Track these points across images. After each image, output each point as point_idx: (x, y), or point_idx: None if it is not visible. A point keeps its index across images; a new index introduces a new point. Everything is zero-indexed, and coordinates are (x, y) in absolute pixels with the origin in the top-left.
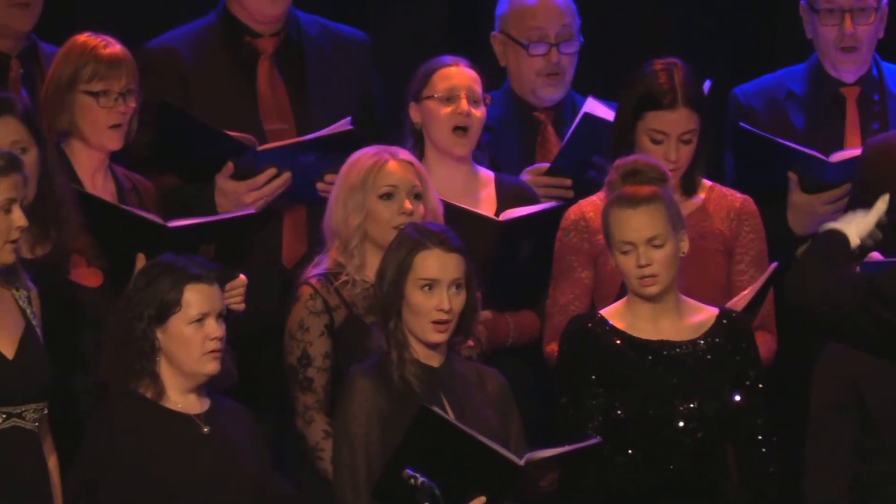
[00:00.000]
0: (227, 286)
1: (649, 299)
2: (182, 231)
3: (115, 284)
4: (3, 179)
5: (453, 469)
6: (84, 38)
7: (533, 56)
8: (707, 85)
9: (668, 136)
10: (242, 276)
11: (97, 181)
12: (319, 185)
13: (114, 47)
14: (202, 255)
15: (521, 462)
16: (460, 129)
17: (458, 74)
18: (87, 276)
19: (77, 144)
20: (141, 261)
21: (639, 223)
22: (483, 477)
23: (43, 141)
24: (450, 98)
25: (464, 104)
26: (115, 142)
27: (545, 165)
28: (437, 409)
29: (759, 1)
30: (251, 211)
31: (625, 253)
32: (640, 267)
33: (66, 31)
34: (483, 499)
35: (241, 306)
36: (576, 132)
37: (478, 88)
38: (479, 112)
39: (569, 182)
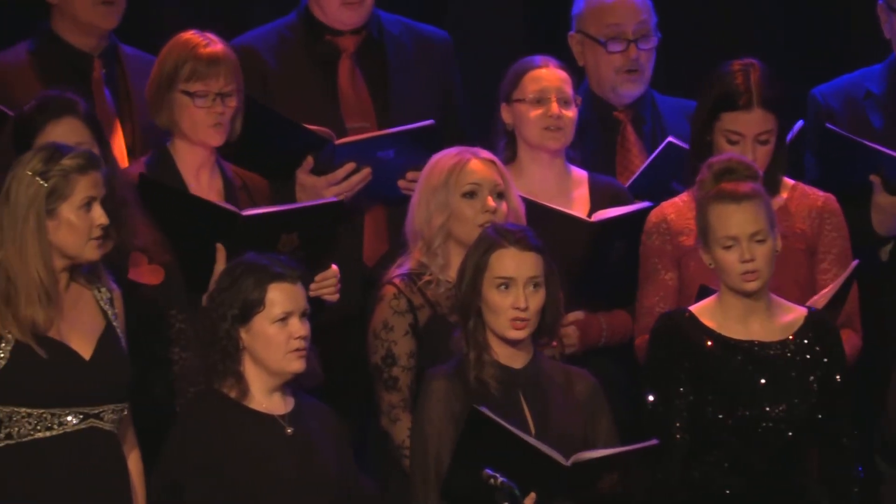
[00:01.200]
0: (318, 277)
1: (747, 295)
2: (257, 220)
3: (194, 277)
4: (82, 178)
5: (506, 468)
6: (187, 35)
7: (611, 53)
8: (798, 125)
9: (744, 136)
10: (334, 267)
11: (202, 179)
12: (401, 183)
13: (215, 46)
14: (284, 246)
15: (568, 463)
16: (551, 130)
17: (547, 76)
18: (148, 274)
19: (180, 142)
20: (220, 251)
21: (743, 218)
22: (534, 477)
23: (104, 141)
24: (540, 100)
25: (554, 107)
26: (215, 138)
27: None
28: (486, 411)
29: (836, 1)
30: (332, 199)
31: (727, 248)
32: (744, 262)
33: (147, 32)
34: (534, 496)
35: (335, 297)
36: (657, 158)
37: (568, 89)
38: (570, 112)
39: None
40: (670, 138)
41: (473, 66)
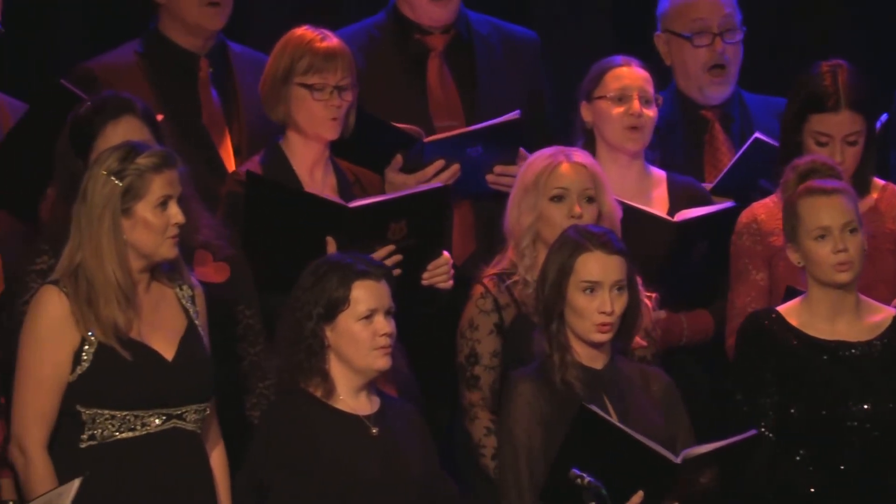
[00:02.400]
0: (431, 265)
1: (839, 288)
2: (364, 211)
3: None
4: (158, 176)
5: (613, 467)
6: (301, 31)
7: (697, 48)
8: (883, 118)
9: (833, 138)
10: (446, 254)
11: (316, 175)
12: (489, 178)
13: (331, 41)
14: (394, 234)
15: (679, 460)
16: (632, 129)
17: (629, 74)
18: (214, 273)
19: (294, 137)
20: (331, 244)
21: (834, 209)
22: (642, 475)
23: (163, 139)
24: (622, 98)
25: (636, 105)
26: (331, 132)
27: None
28: (595, 408)
29: None
30: (438, 185)
31: (820, 239)
32: (837, 252)
33: (240, 32)
34: (641, 494)
35: (449, 284)
36: (745, 154)
37: (650, 88)
38: (651, 112)
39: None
40: (757, 134)
41: (561, 66)
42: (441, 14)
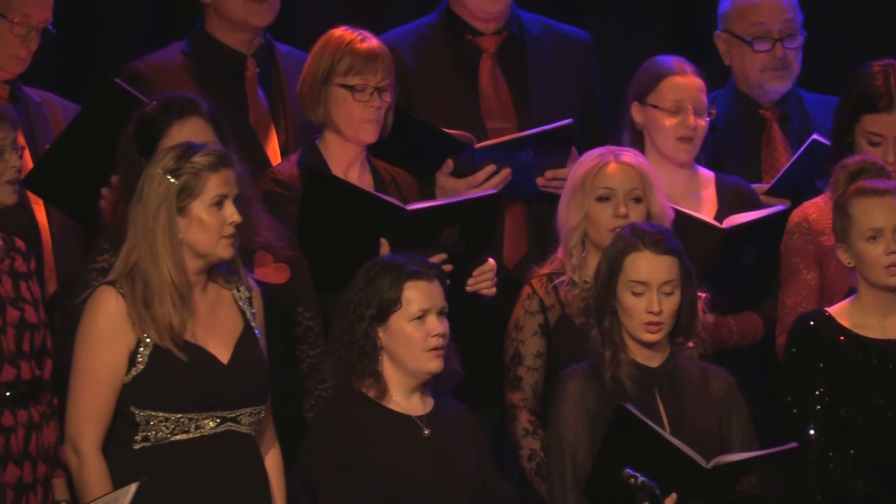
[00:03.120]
0: (476, 271)
1: (890, 290)
2: (421, 214)
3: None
4: (214, 175)
5: (650, 467)
6: (341, 31)
7: (757, 52)
8: None
9: (885, 138)
10: (491, 261)
11: (351, 175)
12: (539, 181)
13: (371, 42)
14: (446, 240)
15: (708, 465)
16: (685, 140)
17: (686, 86)
18: (274, 273)
19: (331, 137)
20: (384, 246)
21: (887, 210)
22: (676, 477)
23: (229, 140)
24: (677, 110)
25: (691, 119)
26: (369, 134)
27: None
28: (632, 408)
29: None
30: (491, 191)
31: (871, 240)
32: (890, 254)
33: (292, 31)
34: (675, 496)
35: (492, 291)
36: (802, 155)
37: (704, 98)
38: (704, 122)
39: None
40: (815, 135)
41: (614, 66)
42: (493, 7)
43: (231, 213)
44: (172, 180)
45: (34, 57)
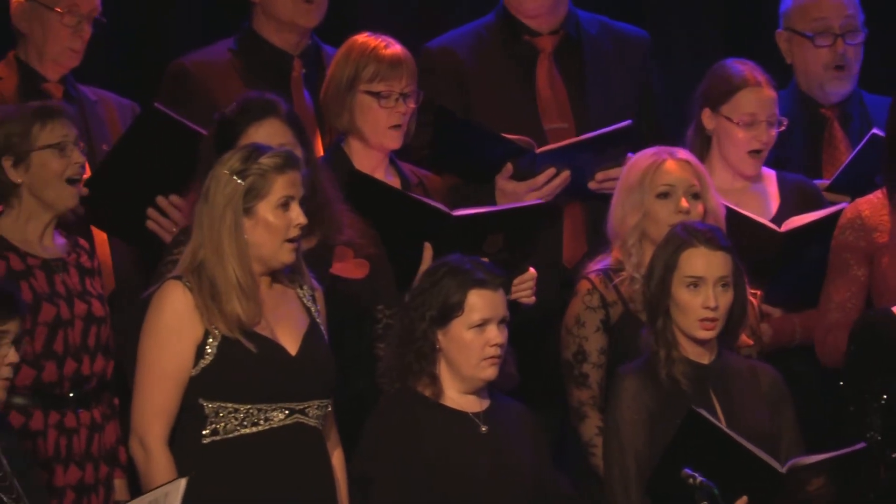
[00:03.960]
0: (517, 280)
1: None
2: (467, 220)
3: (402, 275)
4: (280, 177)
5: (719, 470)
6: (364, 38)
7: (819, 48)
8: None
9: None
10: (532, 270)
11: (377, 177)
12: (591, 185)
13: (394, 48)
14: (490, 247)
15: (784, 469)
16: (756, 153)
17: (761, 100)
18: (353, 269)
19: (356, 143)
20: (428, 250)
21: None
22: (747, 480)
23: (307, 142)
24: (752, 124)
25: (763, 134)
26: (394, 141)
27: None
28: (704, 413)
29: None
30: (537, 201)
31: None
32: None
33: (346, 32)
34: (745, 499)
35: (531, 300)
36: (862, 150)
37: (776, 110)
38: (774, 132)
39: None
40: (875, 130)
41: (672, 65)
42: (534, 2)
43: (297, 214)
44: (239, 181)
45: (89, 55)
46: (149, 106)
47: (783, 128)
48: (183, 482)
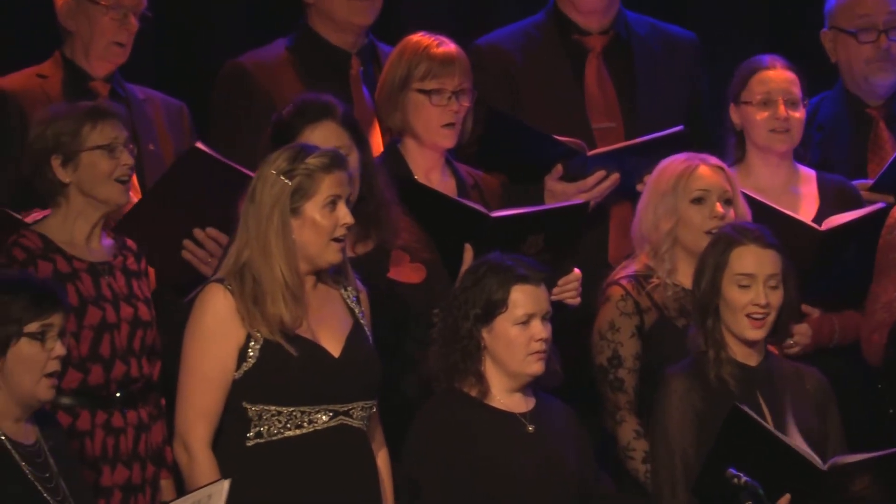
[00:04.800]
0: (561, 281)
1: None
2: (506, 221)
3: (448, 275)
4: (327, 176)
5: (762, 468)
6: (417, 37)
7: (862, 44)
8: None
9: None
10: (577, 271)
11: (432, 178)
12: (640, 187)
13: (447, 46)
14: (530, 247)
15: (825, 467)
16: (778, 131)
17: (774, 78)
18: (410, 273)
19: (411, 143)
20: (468, 251)
21: None
22: (789, 478)
23: (364, 143)
24: (767, 103)
25: (781, 109)
26: (448, 140)
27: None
28: (747, 410)
29: None
30: (578, 202)
31: None
32: None
33: (398, 31)
34: (788, 497)
35: (576, 301)
36: None
37: (795, 90)
38: (798, 114)
39: None
40: None
41: (719, 66)
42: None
43: (344, 214)
44: (286, 181)
45: (135, 55)
46: (192, 147)
47: (806, 105)
48: (226, 483)
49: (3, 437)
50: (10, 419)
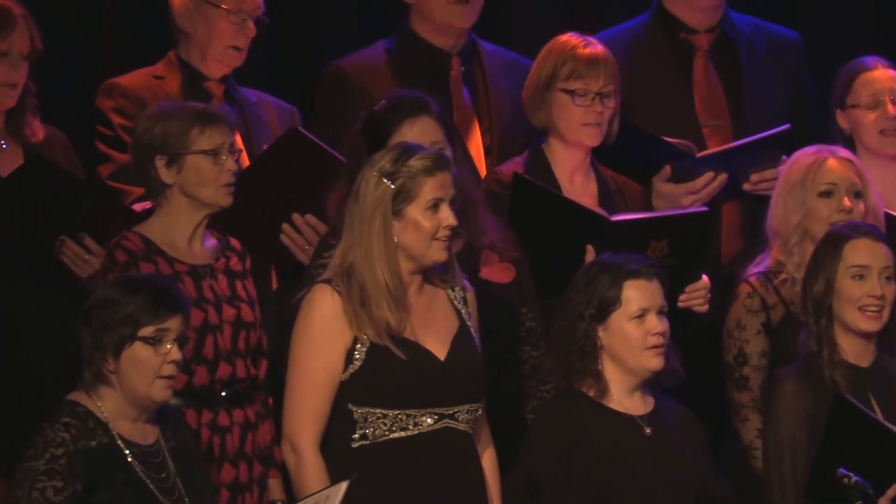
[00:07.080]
0: (689, 288)
1: None
2: (626, 225)
3: (555, 277)
4: (430, 179)
5: (872, 459)
6: (566, 37)
7: None
8: None
9: None
10: (705, 278)
11: (576, 181)
12: (746, 186)
13: (594, 48)
14: (654, 252)
15: None
16: (888, 132)
17: (879, 77)
18: (500, 273)
19: (555, 143)
20: (590, 252)
21: None
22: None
23: (458, 140)
24: (875, 105)
25: (890, 108)
26: (591, 138)
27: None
28: (851, 398)
29: None
30: (701, 209)
31: None
32: None
33: (508, 33)
34: (895, 488)
35: (704, 308)
36: None
37: None
38: None
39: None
40: None
41: (824, 67)
42: None
43: (447, 216)
44: (389, 184)
45: (247, 57)
46: (291, 128)
47: None
48: (344, 485)
49: (117, 437)
50: (126, 419)
